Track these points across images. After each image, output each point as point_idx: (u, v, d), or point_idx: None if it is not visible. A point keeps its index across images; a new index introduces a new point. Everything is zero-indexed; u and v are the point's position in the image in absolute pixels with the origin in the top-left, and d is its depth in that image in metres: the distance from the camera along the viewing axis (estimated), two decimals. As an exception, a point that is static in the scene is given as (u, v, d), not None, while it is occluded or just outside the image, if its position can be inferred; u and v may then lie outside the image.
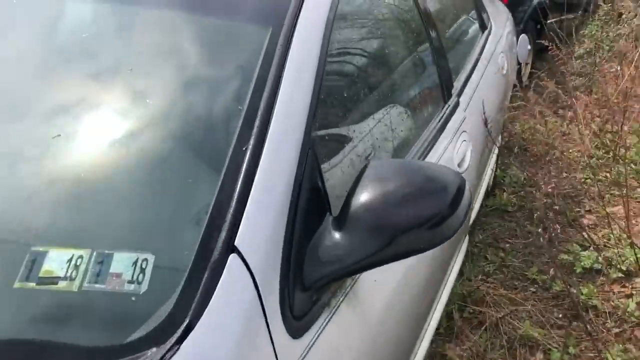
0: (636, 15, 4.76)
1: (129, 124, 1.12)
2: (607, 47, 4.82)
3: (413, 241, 1.08)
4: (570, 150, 4.17)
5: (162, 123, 1.13)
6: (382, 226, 1.07)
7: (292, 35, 1.23)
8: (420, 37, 2.01)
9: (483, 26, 2.90)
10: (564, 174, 3.83)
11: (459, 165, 1.85)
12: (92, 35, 1.39)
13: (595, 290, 2.65)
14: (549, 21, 5.40)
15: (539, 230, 2.98)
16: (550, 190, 3.29)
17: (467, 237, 2.22)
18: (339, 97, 1.37)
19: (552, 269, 2.74)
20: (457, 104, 2.01)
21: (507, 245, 3.07)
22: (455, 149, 1.85)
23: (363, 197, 1.09)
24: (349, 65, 1.50)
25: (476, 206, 2.29)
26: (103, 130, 1.11)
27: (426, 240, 1.10)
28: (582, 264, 2.81)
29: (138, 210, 1.00)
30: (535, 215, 2.71)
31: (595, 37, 4.99)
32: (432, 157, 1.70)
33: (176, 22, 1.29)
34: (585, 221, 3.27)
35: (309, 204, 1.09)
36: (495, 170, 3.56)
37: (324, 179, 1.14)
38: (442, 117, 1.88)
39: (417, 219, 1.08)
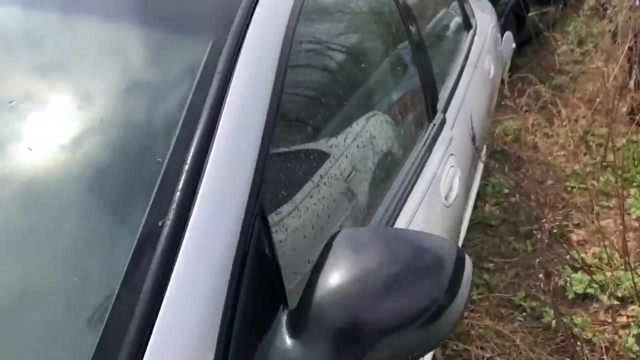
0: (622, 10, 4.53)
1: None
2: (592, 44, 4.58)
3: (399, 347, 0.79)
4: (555, 154, 3.92)
5: (47, 177, 0.81)
6: (359, 327, 0.77)
7: (238, 53, 0.92)
8: (402, 42, 1.70)
9: (468, 24, 2.61)
10: (549, 182, 3.59)
11: (446, 197, 1.56)
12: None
13: (588, 319, 2.41)
14: (529, 14, 5.16)
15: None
16: (538, 202, 3.06)
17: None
18: (303, 132, 1.07)
19: (543, 297, 2.50)
20: (443, 122, 1.72)
21: (491, 265, 2.81)
22: (443, 179, 1.56)
23: (332, 281, 0.80)
24: (317, 88, 1.19)
25: (461, 236, 2.01)
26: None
27: (417, 343, 0.80)
28: (574, 288, 2.57)
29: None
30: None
31: (579, 33, 4.75)
32: (417, 192, 1.41)
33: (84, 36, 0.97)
34: (574, 237, 3.03)
35: (255, 296, 0.78)
36: (477, 179, 3.30)
37: (277, 254, 0.84)
38: (427, 139, 1.58)
39: (406, 314, 0.79)
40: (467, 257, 0.87)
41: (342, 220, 1.08)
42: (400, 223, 1.33)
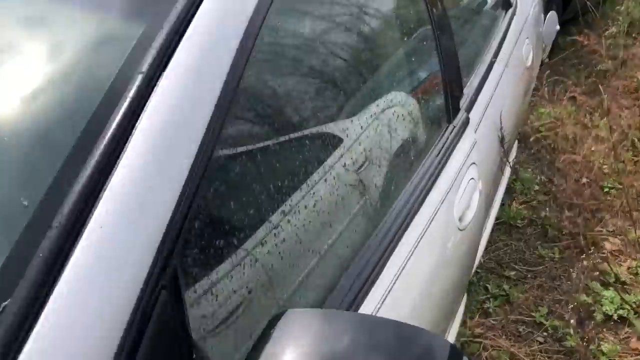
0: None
1: None
2: (645, 28, 4.18)
3: None
4: (593, 149, 3.58)
5: None
6: None
7: (175, 46, 0.66)
8: (422, 25, 1.42)
9: (507, 3, 2.28)
10: (584, 180, 3.26)
11: (461, 218, 1.29)
12: None
13: (618, 347, 2.14)
14: (577, -10, 4.74)
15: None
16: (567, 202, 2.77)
17: (465, 297, 1.68)
18: (261, 155, 0.81)
19: (568, 316, 2.23)
20: (466, 123, 1.44)
21: (513, 273, 2.54)
22: (459, 196, 1.29)
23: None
24: (294, 81, 0.93)
25: (476, 263, 1.75)
26: None
27: None
28: (603, 308, 2.29)
29: None
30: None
31: (632, 15, 4.34)
32: (423, 213, 1.16)
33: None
34: (608, 245, 2.73)
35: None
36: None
37: (194, 343, 0.59)
38: (443, 146, 1.31)
39: None
40: (465, 357, 0.62)
41: (306, 274, 0.83)
42: (401, 252, 1.08)
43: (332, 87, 1.07)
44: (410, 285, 1.11)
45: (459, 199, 1.29)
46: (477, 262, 1.67)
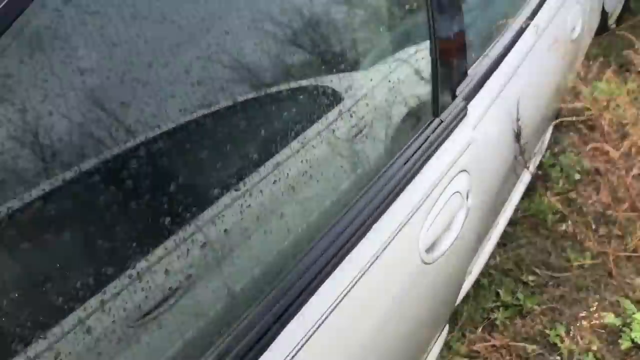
0: None
1: None
2: None
3: None
4: (650, 136, 3.11)
5: None
6: None
7: None
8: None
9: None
10: (635, 170, 2.82)
11: (430, 248, 0.97)
12: None
13: (644, 385, 1.79)
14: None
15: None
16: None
17: (446, 327, 1.36)
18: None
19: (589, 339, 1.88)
20: (459, 115, 1.09)
21: (532, 278, 2.18)
22: (431, 216, 0.96)
23: None
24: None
25: (472, 277, 1.41)
26: None
27: None
28: (631, 335, 1.92)
29: None
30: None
31: None
32: (375, 237, 0.85)
33: None
34: (651, 255, 2.33)
35: None
36: (544, 156, 2.60)
37: None
38: (420, 147, 0.98)
39: None
40: None
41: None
42: (342, 277, 0.79)
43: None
44: (348, 322, 0.82)
45: (430, 222, 0.96)
46: (460, 298, 1.33)
